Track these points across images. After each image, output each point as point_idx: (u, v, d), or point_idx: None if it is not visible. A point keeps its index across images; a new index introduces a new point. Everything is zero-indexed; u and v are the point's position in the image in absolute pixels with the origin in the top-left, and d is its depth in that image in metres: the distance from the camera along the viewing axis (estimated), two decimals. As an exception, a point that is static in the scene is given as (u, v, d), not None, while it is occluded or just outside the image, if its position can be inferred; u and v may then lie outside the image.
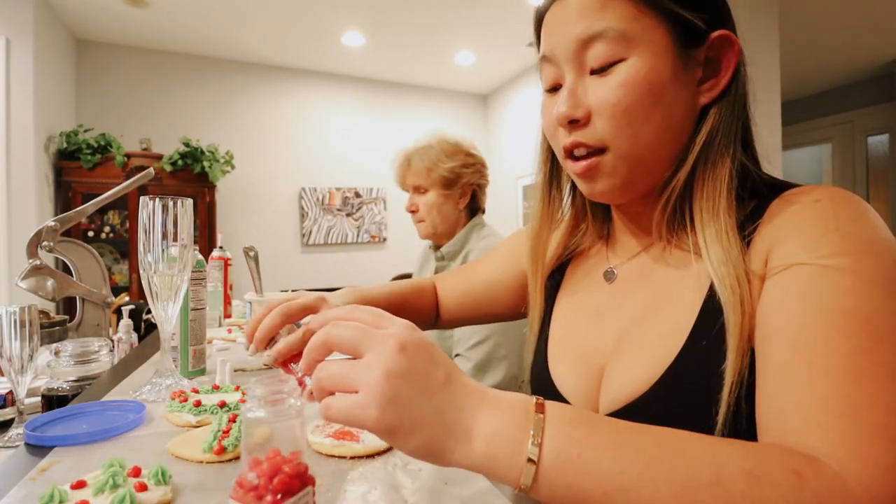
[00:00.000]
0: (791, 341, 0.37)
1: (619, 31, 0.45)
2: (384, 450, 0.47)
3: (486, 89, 4.78)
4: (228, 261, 1.36)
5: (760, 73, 2.49)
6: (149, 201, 0.63)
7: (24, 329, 0.62)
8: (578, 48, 0.47)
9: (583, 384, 0.53)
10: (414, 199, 1.36)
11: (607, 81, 0.46)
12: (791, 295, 0.39)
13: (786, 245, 0.41)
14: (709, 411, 0.42)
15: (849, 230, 0.39)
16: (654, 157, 0.48)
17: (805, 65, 3.96)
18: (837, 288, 0.37)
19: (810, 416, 0.34)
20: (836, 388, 0.34)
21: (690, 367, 0.44)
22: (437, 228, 1.34)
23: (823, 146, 4.74)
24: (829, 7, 3.04)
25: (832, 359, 0.35)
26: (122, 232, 3.31)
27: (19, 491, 0.39)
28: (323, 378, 0.34)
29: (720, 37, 0.47)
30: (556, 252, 0.64)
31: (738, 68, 0.48)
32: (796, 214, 0.42)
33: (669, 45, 0.46)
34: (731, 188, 0.45)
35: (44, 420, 0.53)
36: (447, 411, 0.32)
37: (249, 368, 0.80)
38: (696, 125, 0.48)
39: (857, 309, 0.36)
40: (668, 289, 0.50)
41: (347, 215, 4.32)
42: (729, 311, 0.42)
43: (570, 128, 0.49)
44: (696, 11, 0.46)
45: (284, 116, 4.10)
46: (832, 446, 0.32)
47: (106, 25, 3.28)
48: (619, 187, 0.50)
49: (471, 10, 3.20)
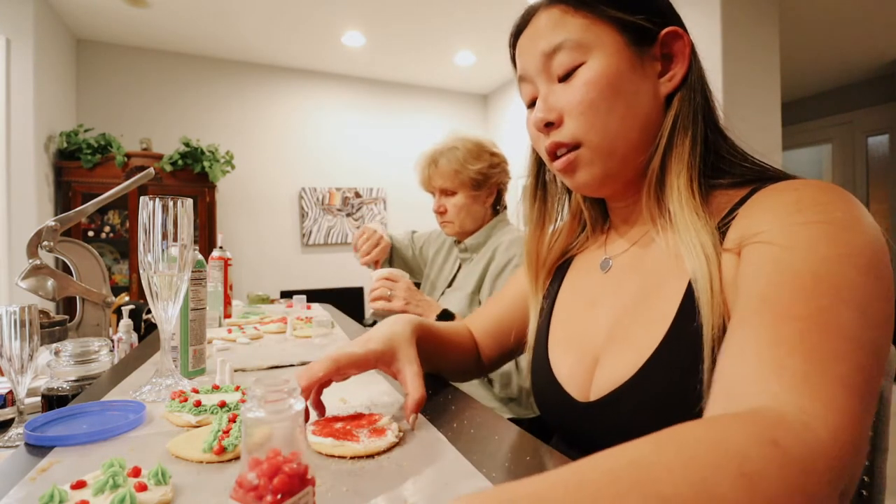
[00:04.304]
0: (759, 295, 0.37)
1: (574, 40, 0.52)
2: (384, 450, 0.47)
3: (486, 89, 4.78)
4: (228, 261, 1.36)
5: (760, 73, 2.49)
6: (149, 201, 0.63)
7: (24, 329, 0.62)
8: (544, 61, 0.54)
9: (577, 370, 0.56)
10: (441, 200, 1.36)
11: (572, 84, 0.53)
12: (762, 265, 0.40)
13: (760, 220, 0.43)
14: (687, 396, 0.43)
15: (827, 208, 0.40)
16: (627, 145, 0.53)
17: (805, 65, 3.96)
18: (810, 254, 0.37)
19: (772, 357, 0.33)
20: (800, 335, 0.33)
21: (673, 351, 0.46)
22: (465, 228, 1.35)
23: (823, 146, 4.74)
24: (829, 7, 3.04)
25: (798, 310, 0.34)
26: (122, 232, 3.31)
27: (19, 491, 0.39)
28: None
29: (669, 33, 0.53)
30: (558, 250, 0.68)
31: (691, 58, 0.53)
32: (773, 198, 0.45)
33: (623, 45, 0.52)
34: (693, 161, 0.50)
35: (44, 420, 0.52)
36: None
37: (249, 368, 0.80)
38: (664, 114, 0.53)
39: (829, 274, 0.36)
40: (656, 277, 0.52)
41: (347, 215, 4.32)
42: (698, 275, 0.44)
43: (546, 131, 0.55)
44: (640, 13, 0.52)
45: (284, 116, 4.10)
46: (795, 390, 0.31)
47: (106, 25, 3.29)
48: (600, 176, 0.54)
49: (471, 11, 3.20)
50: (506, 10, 3.18)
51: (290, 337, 1.08)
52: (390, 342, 0.56)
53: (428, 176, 1.36)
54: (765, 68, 2.50)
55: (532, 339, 0.66)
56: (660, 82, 0.53)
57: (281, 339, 1.07)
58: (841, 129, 4.55)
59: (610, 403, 0.50)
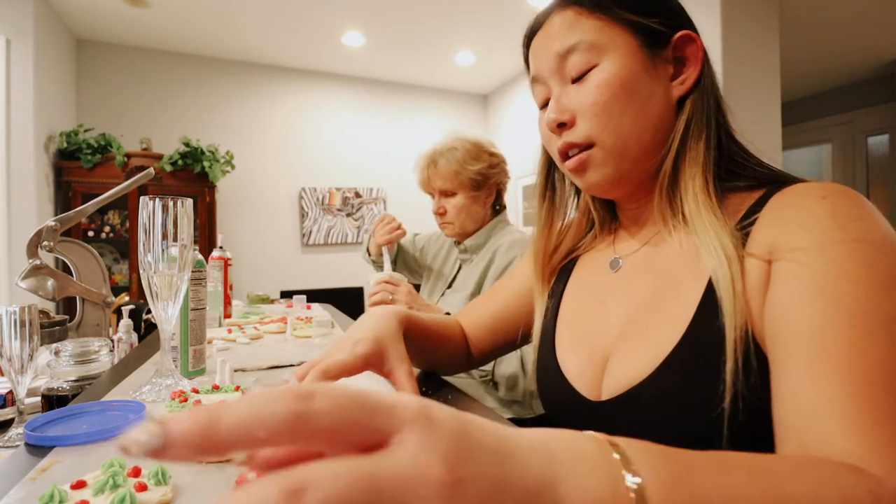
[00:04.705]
0: (815, 341, 0.37)
1: (589, 42, 0.52)
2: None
3: (486, 89, 4.78)
4: (228, 261, 1.36)
5: (760, 73, 2.49)
6: (149, 201, 0.63)
7: (24, 329, 0.62)
8: (558, 62, 0.54)
9: (587, 369, 0.55)
10: (441, 202, 1.35)
11: (585, 86, 0.53)
12: (807, 293, 0.39)
13: (793, 234, 0.42)
14: (708, 397, 0.43)
15: (862, 225, 0.40)
16: (639, 147, 0.53)
17: (805, 65, 3.96)
18: (857, 287, 0.37)
19: (848, 421, 0.34)
20: (870, 393, 0.34)
21: (691, 353, 0.45)
22: (465, 228, 1.35)
23: (823, 146, 4.74)
24: (829, 7, 3.04)
25: (861, 363, 0.35)
26: (122, 232, 3.31)
27: (19, 491, 0.39)
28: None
29: (682, 37, 0.53)
30: (564, 249, 0.68)
31: (704, 62, 0.54)
32: (803, 210, 0.44)
33: (636, 48, 0.52)
34: (707, 164, 0.50)
35: (44, 420, 0.53)
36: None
37: (249, 368, 0.80)
38: (676, 117, 0.54)
39: (876, 311, 0.36)
40: (671, 277, 0.52)
41: (347, 215, 4.32)
42: (719, 275, 0.44)
43: (559, 131, 0.55)
44: (653, 17, 0.53)
45: (284, 116, 4.10)
46: (877, 454, 0.32)
47: (106, 25, 3.28)
48: (611, 177, 0.54)
49: (471, 11, 3.20)
50: (506, 10, 3.18)
51: (290, 337, 1.08)
52: (378, 342, 0.55)
53: (427, 177, 1.36)
54: (765, 68, 2.50)
55: (537, 337, 0.65)
56: (672, 85, 0.54)
57: (281, 339, 1.07)
58: (841, 129, 4.55)
59: (625, 402, 0.49)
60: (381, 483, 0.17)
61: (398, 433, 0.19)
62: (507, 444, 0.22)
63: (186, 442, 0.16)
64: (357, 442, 0.19)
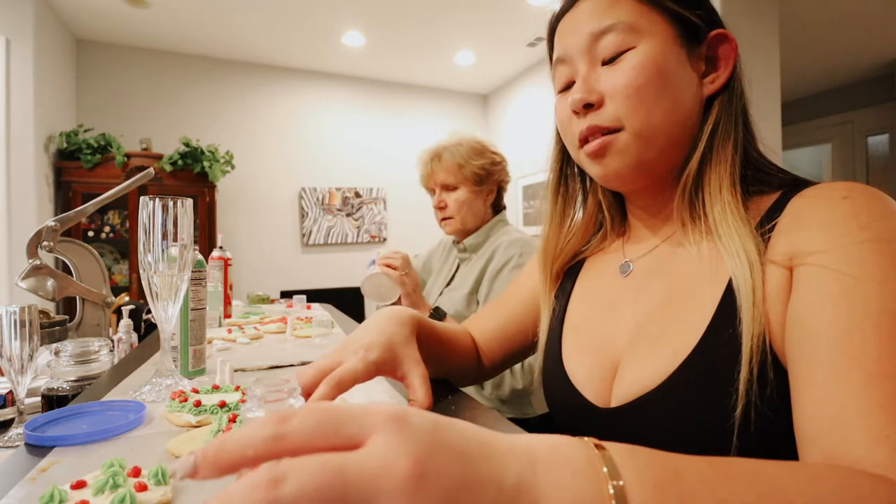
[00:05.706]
0: (841, 346, 0.36)
1: (627, 23, 0.50)
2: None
3: (486, 89, 4.78)
4: (228, 261, 1.36)
5: (760, 73, 2.48)
6: (149, 201, 0.63)
7: (24, 329, 0.62)
8: (591, 42, 0.52)
9: (595, 375, 0.54)
10: (442, 196, 1.36)
11: (620, 67, 0.50)
12: (830, 296, 0.38)
13: (813, 236, 0.41)
14: (721, 406, 0.42)
15: (886, 224, 0.39)
16: (666, 139, 0.51)
17: (805, 65, 3.96)
18: (883, 289, 0.36)
19: (876, 430, 0.32)
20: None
21: (708, 359, 0.44)
22: (466, 225, 1.35)
23: (823, 146, 4.74)
24: (829, 7, 3.04)
25: (890, 368, 0.33)
26: (122, 232, 3.31)
27: (19, 491, 0.38)
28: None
29: (718, 35, 0.52)
30: (570, 250, 0.65)
31: (736, 64, 0.53)
32: (824, 211, 0.42)
33: (674, 38, 0.51)
34: (734, 169, 0.49)
35: (44, 420, 0.52)
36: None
37: (249, 368, 0.80)
38: (702, 115, 0.52)
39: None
40: (685, 282, 0.50)
41: (347, 215, 4.32)
42: (741, 282, 0.43)
43: (584, 112, 0.52)
44: (694, 9, 0.52)
45: (284, 116, 4.10)
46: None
47: (106, 25, 3.29)
48: (632, 166, 0.52)
49: (471, 10, 3.20)
50: (506, 10, 3.18)
51: (290, 337, 1.08)
52: (390, 347, 0.52)
53: (431, 171, 1.37)
54: (765, 68, 2.50)
55: (543, 341, 0.63)
56: (703, 83, 0.52)
57: (281, 339, 1.07)
58: (841, 129, 4.55)
59: (636, 410, 0.48)
60: (349, 475, 0.19)
61: (371, 436, 0.21)
62: (485, 447, 0.23)
63: (208, 464, 0.21)
64: (336, 450, 0.21)
